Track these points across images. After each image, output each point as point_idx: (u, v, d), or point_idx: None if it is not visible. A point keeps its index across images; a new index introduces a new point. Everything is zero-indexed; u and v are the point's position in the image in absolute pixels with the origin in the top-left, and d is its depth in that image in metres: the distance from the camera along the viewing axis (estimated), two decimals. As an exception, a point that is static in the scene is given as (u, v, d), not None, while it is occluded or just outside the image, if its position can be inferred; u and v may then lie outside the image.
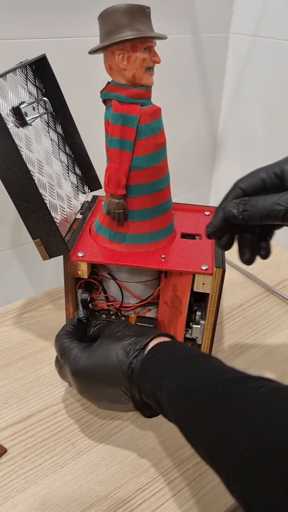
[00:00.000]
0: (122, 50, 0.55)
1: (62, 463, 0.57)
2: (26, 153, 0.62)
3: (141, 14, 0.55)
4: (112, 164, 0.60)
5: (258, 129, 1.06)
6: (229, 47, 1.05)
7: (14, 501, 0.53)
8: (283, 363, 0.73)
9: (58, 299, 0.86)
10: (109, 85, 0.59)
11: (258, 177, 0.48)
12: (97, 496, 0.54)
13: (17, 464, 0.57)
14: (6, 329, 0.78)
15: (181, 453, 0.59)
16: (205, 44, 1.00)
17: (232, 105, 1.10)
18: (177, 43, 0.96)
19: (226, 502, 0.54)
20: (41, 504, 0.53)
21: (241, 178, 0.49)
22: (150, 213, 0.64)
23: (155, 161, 0.61)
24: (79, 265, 0.63)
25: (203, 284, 0.62)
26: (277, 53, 0.96)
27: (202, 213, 0.76)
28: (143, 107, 0.59)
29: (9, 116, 0.61)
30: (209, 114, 1.11)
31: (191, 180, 1.18)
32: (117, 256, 0.64)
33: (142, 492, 0.55)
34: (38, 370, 0.70)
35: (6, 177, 0.58)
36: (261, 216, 0.44)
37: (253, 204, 0.45)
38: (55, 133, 0.73)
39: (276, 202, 0.43)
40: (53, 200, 0.66)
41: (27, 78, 0.67)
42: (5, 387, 0.67)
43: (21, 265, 0.93)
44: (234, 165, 1.15)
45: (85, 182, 0.78)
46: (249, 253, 0.50)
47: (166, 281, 0.65)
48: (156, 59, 0.57)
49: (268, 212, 0.44)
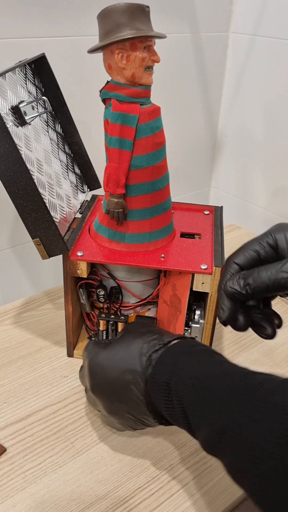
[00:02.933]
0: (122, 49, 0.55)
1: (61, 463, 0.57)
2: (26, 153, 0.62)
3: (140, 13, 0.55)
4: (111, 163, 0.60)
5: (257, 128, 1.06)
6: (229, 46, 1.05)
7: (13, 500, 0.53)
8: (283, 363, 0.73)
9: (58, 299, 0.86)
10: (108, 84, 0.59)
11: (252, 249, 0.46)
12: (96, 495, 0.54)
13: (17, 464, 0.57)
14: (5, 329, 0.78)
15: (181, 452, 0.59)
16: (204, 43, 1.00)
17: (231, 104, 1.10)
18: (177, 42, 0.96)
19: (225, 502, 0.54)
20: (40, 503, 0.53)
21: (234, 253, 0.48)
22: (150, 213, 0.64)
23: (154, 160, 0.61)
24: (79, 265, 0.63)
25: (202, 283, 0.62)
26: (276, 52, 0.96)
27: (202, 212, 0.76)
28: (143, 106, 0.59)
29: (8, 115, 0.61)
30: (209, 113, 1.11)
31: (190, 180, 1.18)
32: (117, 256, 0.64)
33: (141, 491, 0.55)
34: (37, 369, 0.70)
35: (5, 177, 0.58)
36: (266, 287, 0.43)
37: (255, 277, 0.43)
38: (54, 132, 0.73)
39: (281, 270, 0.42)
40: (53, 200, 0.66)
41: (26, 77, 0.67)
42: (5, 387, 0.67)
43: (20, 264, 0.93)
44: (233, 164, 1.15)
45: (84, 181, 0.78)
46: (270, 326, 0.48)
47: (165, 281, 0.65)
48: (156, 58, 0.57)
49: (274, 282, 0.42)
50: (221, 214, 0.74)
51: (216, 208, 0.76)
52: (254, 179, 1.11)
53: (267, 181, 1.08)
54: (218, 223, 0.72)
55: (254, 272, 0.44)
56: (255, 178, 1.10)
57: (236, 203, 1.17)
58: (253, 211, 1.13)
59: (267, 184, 1.08)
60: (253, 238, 0.47)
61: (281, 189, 1.05)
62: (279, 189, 1.05)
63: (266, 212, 1.10)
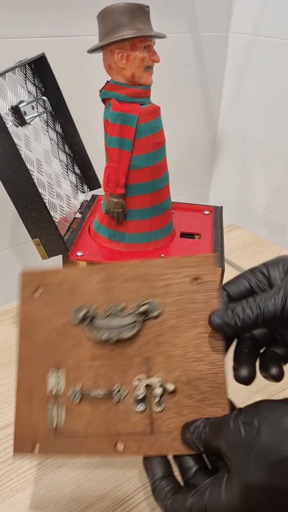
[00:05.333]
0: (121, 49, 0.55)
1: (61, 462, 0.57)
2: (25, 152, 0.62)
3: (140, 13, 0.55)
4: (111, 163, 0.60)
5: (257, 127, 1.06)
6: (229, 46, 1.05)
7: (13, 500, 0.53)
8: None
9: (58, 299, 0.86)
10: (108, 84, 0.59)
11: (244, 276, 0.42)
12: (96, 495, 0.54)
13: (17, 463, 0.57)
14: (5, 329, 0.78)
15: (180, 452, 0.59)
16: (204, 43, 1.00)
17: (231, 104, 1.10)
18: (177, 42, 0.96)
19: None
20: (40, 503, 0.53)
21: (226, 283, 0.43)
22: (149, 212, 0.64)
23: (154, 160, 0.61)
24: (79, 265, 0.63)
25: (202, 283, 0.62)
26: (276, 52, 0.96)
27: (202, 212, 0.76)
28: (142, 106, 0.59)
29: (8, 115, 0.61)
30: (209, 113, 1.11)
31: (190, 180, 1.18)
32: (116, 255, 0.64)
33: (141, 491, 0.55)
34: (37, 369, 0.70)
35: (5, 177, 0.58)
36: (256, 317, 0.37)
37: (244, 306, 0.38)
38: (54, 132, 0.73)
39: (271, 296, 0.37)
40: (52, 200, 0.66)
41: (26, 77, 0.67)
42: (5, 386, 0.67)
43: (20, 264, 0.93)
44: (233, 164, 1.15)
45: (84, 181, 0.78)
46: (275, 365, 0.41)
47: (165, 280, 0.65)
48: (155, 58, 0.57)
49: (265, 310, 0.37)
50: (221, 214, 0.74)
51: (216, 208, 0.76)
52: (254, 179, 1.11)
53: (267, 181, 1.08)
54: (218, 223, 0.72)
55: (243, 302, 0.38)
56: (255, 178, 1.10)
57: (236, 203, 1.17)
58: (253, 211, 1.13)
59: (267, 184, 1.08)
60: (245, 271, 0.44)
61: (281, 189, 1.05)
62: (279, 189, 1.05)
63: (266, 212, 1.10)
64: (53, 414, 0.42)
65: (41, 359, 0.43)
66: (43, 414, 0.42)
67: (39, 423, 0.43)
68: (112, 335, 0.41)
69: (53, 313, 0.43)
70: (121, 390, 0.41)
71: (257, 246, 1.03)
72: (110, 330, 0.41)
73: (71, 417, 0.42)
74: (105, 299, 0.42)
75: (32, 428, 0.43)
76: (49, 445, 0.42)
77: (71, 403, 0.42)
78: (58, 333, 0.43)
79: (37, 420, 0.43)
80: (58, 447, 0.41)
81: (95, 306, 0.42)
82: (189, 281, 0.41)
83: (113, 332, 0.41)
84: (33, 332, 0.44)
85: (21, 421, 0.44)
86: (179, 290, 0.41)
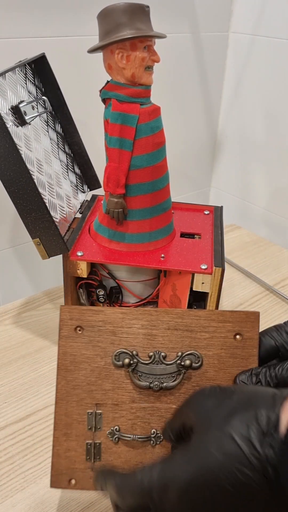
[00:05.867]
0: (121, 49, 0.55)
1: (61, 462, 0.57)
2: (26, 152, 0.62)
3: (140, 13, 0.55)
4: (111, 163, 0.60)
5: (257, 127, 1.06)
6: (229, 46, 1.05)
7: (13, 500, 0.53)
8: (282, 362, 0.73)
9: (57, 299, 0.86)
10: (108, 84, 0.59)
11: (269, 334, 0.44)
12: (96, 495, 0.54)
13: (16, 463, 0.57)
14: (5, 328, 0.78)
15: (181, 452, 0.59)
16: (204, 43, 1.00)
17: (232, 104, 1.10)
18: (177, 42, 0.96)
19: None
20: (40, 503, 0.53)
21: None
22: (150, 212, 0.64)
23: (154, 160, 0.61)
24: (79, 264, 0.63)
25: (202, 283, 0.62)
26: (277, 52, 0.96)
27: (202, 212, 0.76)
28: (143, 106, 0.59)
29: (8, 115, 0.61)
30: (209, 113, 1.11)
31: (190, 180, 1.18)
32: (117, 255, 0.64)
33: (141, 491, 0.55)
34: (37, 369, 0.70)
35: (5, 176, 0.58)
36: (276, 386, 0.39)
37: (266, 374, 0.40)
38: (54, 132, 0.73)
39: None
40: (53, 199, 0.66)
41: (26, 77, 0.67)
42: (4, 386, 0.67)
43: (20, 264, 0.93)
44: (233, 164, 1.15)
45: (84, 181, 0.78)
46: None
47: (165, 280, 0.65)
48: (156, 58, 0.57)
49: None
50: (221, 214, 0.74)
51: (216, 208, 0.76)
52: (254, 179, 1.11)
53: (267, 181, 1.08)
54: (218, 223, 0.72)
55: (265, 370, 0.40)
56: (255, 178, 1.10)
57: (236, 203, 1.17)
58: (253, 211, 1.13)
59: (267, 184, 1.08)
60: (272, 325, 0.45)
61: (281, 189, 1.05)
62: (279, 189, 1.06)
63: (266, 212, 1.10)
64: (91, 451, 0.44)
65: (80, 396, 0.45)
66: (81, 450, 0.44)
67: (76, 459, 0.45)
68: (156, 383, 0.43)
69: (95, 353, 0.45)
70: (159, 434, 0.44)
71: (257, 246, 1.03)
72: (154, 378, 0.43)
73: (108, 455, 0.44)
74: (148, 345, 0.44)
75: (69, 463, 0.45)
76: (85, 480, 0.44)
77: (109, 441, 0.44)
78: (99, 373, 0.45)
79: (74, 455, 0.45)
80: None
81: (138, 351, 0.44)
82: (231, 336, 0.44)
83: (156, 379, 0.43)
84: (74, 370, 0.45)
85: (58, 456, 0.45)
86: (221, 343, 0.44)
